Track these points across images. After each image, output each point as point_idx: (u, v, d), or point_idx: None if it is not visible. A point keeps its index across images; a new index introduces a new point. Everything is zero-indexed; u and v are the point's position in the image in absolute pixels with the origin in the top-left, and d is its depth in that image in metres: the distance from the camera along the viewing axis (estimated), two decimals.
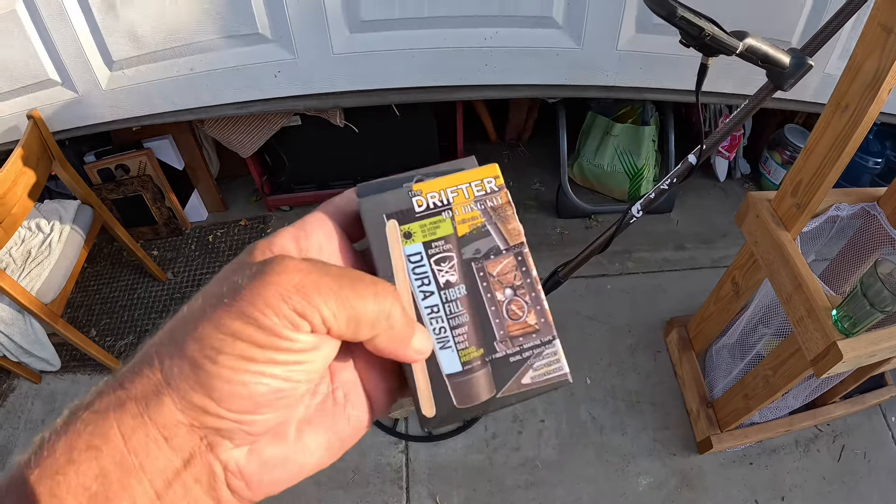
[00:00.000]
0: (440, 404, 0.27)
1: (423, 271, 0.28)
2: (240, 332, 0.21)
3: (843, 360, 1.02)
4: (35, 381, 1.68)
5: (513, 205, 0.29)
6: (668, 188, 1.05)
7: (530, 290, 0.28)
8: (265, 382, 0.21)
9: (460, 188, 0.29)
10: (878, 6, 0.87)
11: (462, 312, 0.28)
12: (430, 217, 0.28)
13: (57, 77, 1.46)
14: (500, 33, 1.38)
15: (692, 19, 0.80)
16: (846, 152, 1.03)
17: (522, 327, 0.28)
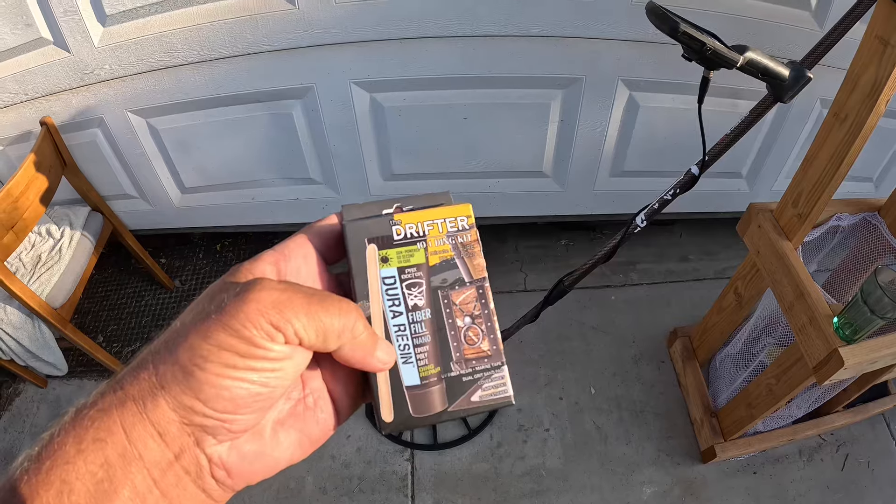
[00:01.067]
0: (398, 411, 0.30)
1: (395, 293, 0.31)
2: (224, 342, 0.24)
3: (844, 366, 1.03)
4: (41, 386, 1.69)
5: (480, 243, 0.33)
6: (671, 198, 1.07)
7: (487, 320, 0.32)
8: (245, 387, 0.25)
9: (436, 222, 0.32)
10: (875, 18, 0.89)
11: (425, 333, 0.31)
12: (407, 245, 0.32)
13: (134, 193, 1.73)
14: (501, 182, 1.71)
15: (694, 34, 0.82)
16: (846, 162, 1.05)
17: (477, 352, 0.32)
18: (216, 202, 1.75)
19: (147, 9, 1.29)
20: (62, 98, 1.45)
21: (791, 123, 1.57)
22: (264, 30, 1.29)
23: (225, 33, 1.30)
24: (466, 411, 0.31)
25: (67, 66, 1.38)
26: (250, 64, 1.37)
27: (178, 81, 1.41)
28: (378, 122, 1.51)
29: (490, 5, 1.26)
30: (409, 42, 1.32)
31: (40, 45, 1.35)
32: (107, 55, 1.36)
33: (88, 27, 1.31)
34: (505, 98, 1.46)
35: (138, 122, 1.53)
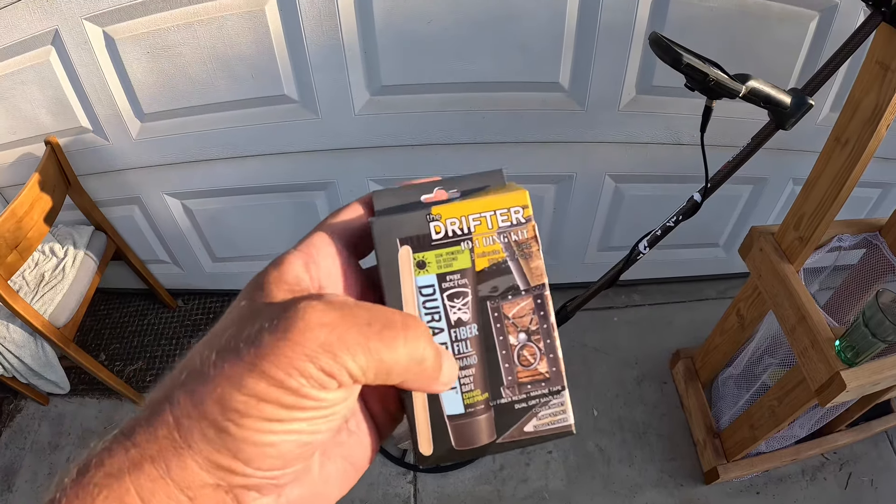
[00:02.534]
0: (438, 443, 0.26)
1: (435, 306, 0.26)
2: (264, 394, 0.20)
3: (846, 389, 1.03)
4: (43, 403, 1.68)
5: (539, 240, 0.26)
6: (673, 225, 1.08)
7: (546, 336, 0.27)
8: (293, 439, 0.21)
9: (484, 216, 0.26)
10: (876, 44, 0.90)
11: (471, 353, 0.26)
12: (448, 246, 0.26)
13: (168, 259, 1.84)
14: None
15: (697, 66, 0.83)
16: (847, 186, 1.05)
17: (532, 374, 0.27)
18: (244, 270, 1.87)
19: (183, 111, 1.36)
20: (101, 177, 1.54)
21: (766, 199, 1.68)
22: (291, 134, 1.40)
23: (256, 136, 1.40)
24: (518, 443, 0.27)
25: (105, 153, 1.46)
26: (278, 161, 1.48)
27: (211, 172, 1.51)
28: None
29: (489, 120, 1.37)
30: (419, 148, 1.44)
31: (80, 132, 1.43)
32: (144, 147, 1.44)
33: (127, 122, 1.39)
34: None
35: (173, 203, 1.62)
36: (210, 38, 1.22)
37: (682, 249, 1.83)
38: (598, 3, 1.18)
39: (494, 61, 1.26)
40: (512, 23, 1.19)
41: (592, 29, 1.21)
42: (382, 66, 1.26)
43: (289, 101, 1.32)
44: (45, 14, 1.20)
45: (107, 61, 1.27)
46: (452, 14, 1.17)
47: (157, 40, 1.23)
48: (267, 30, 1.20)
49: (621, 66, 1.27)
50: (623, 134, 1.41)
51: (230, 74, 1.27)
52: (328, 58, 1.23)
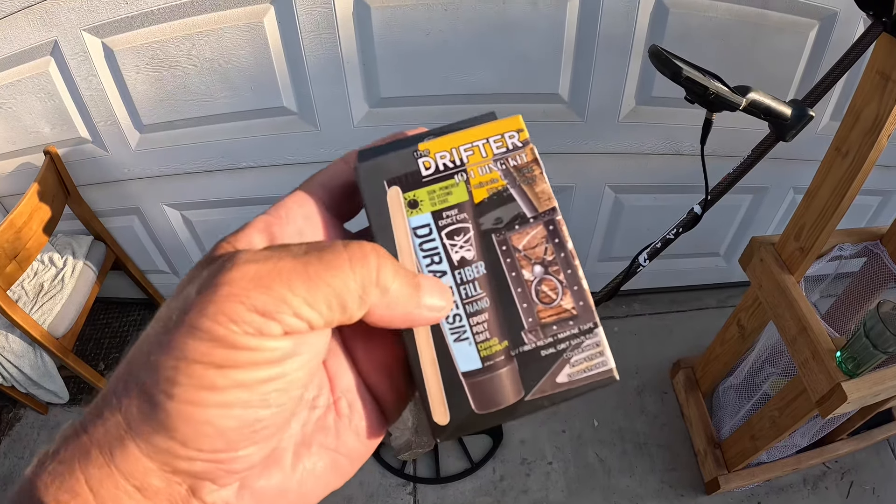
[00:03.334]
0: (456, 409, 0.23)
1: (433, 247, 0.23)
2: (192, 351, 0.17)
3: (847, 401, 1.02)
4: (42, 412, 1.68)
5: (541, 163, 0.24)
6: (673, 238, 1.07)
7: (565, 266, 0.23)
8: (235, 414, 0.17)
9: (476, 145, 0.24)
10: (876, 54, 0.89)
11: (481, 296, 0.23)
12: (441, 181, 0.23)
13: (167, 269, 1.84)
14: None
15: (697, 79, 0.83)
16: (848, 197, 1.04)
17: (556, 313, 0.23)
18: None
19: (182, 122, 1.36)
20: (100, 187, 1.53)
21: (766, 208, 1.68)
22: (290, 146, 1.40)
23: (255, 148, 1.40)
24: (552, 399, 0.23)
25: (105, 164, 1.46)
26: (277, 173, 1.48)
27: (211, 183, 1.51)
28: None
29: None
30: None
31: (79, 143, 1.43)
32: (143, 158, 1.44)
33: (126, 133, 1.39)
34: None
35: (173, 214, 1.62)
36: (209, 49, 1.22)
37: (683, 259, 1.83)
38: (597, 13, 1.17)
39: (493, 73, 1.26)
40: (511, 34, 1.19)
41: (592, 40, 1.21)
42: (381, 78, 1.26)
43: (288, 112, 1.32)
44: (45, 25, 1.20)
45: (106, 72, 1.27)
46: (451, 26, 1.17)
47: (156, 52, 1.23)
48: (266, 42, 1.20)
49: (621, 77, 1.27)
50: (623, 145, 1.41)
51: (229, 86, 1.27)
52: (327, 70, 1.23)
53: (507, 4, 1.15)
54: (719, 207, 1.65)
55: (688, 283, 1.96)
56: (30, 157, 1.47)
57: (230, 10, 1.17)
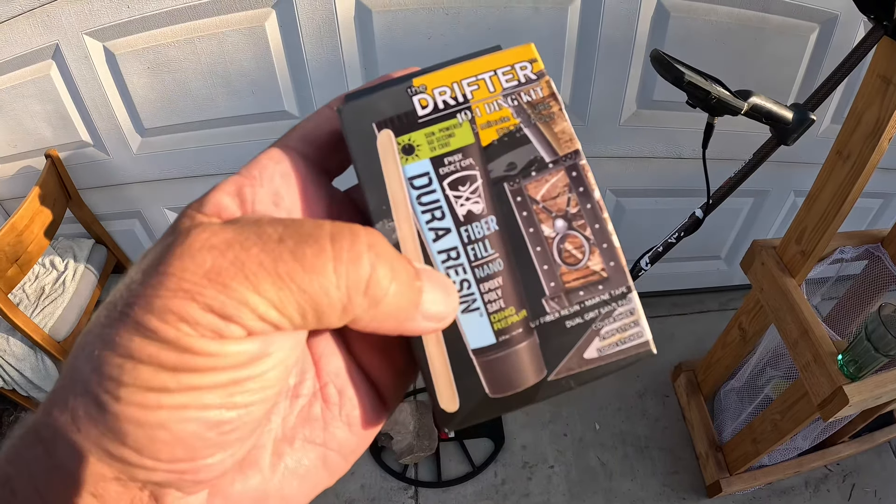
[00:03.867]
0: (466, 393, 0.19)
1: (434, 199, 0.20)
2: (138, 352, 0.14)
3: (849, 404, 1.02)
4: None
5: (559, 98, 0.20)
6: (675, 241, 1.08)
7: (592, 219, 0.20)
8: (193, 417, 0.15)
9: (482, 78, 0.20)
10: (877, 57, 0.90)
11: (494, 257, 0.19)
12: (440, 121, 0.20)
13: None
14: None
15: (699, 83, 0.83)
16: (849, 200, 1.05)
17: (583, 275, 0.20)
18: None
19: (183, 126, 1.36)
20: (101, 191, 1.53)
21: (767, 211, 1.69)
22: None
23: (256, 151, 1.31)
24: (580, 377, 0.19)
25: (106, 167, 1.46)
26: None
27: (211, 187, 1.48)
28: None
29: None
30: None
31: (80, 146, 1.43)
32: (145, 161, 1.44)
33: (127, 136, 1.39)
34: None
35: (174, 217, 1.57)
36: (210, 53, 1.22)
37: (684, 262, 1.83)
38: (598, 18, 1.18)
39: None
40: (512, 38, 1.19)
41: (593, 44, 1.21)
42: None
43: (289, 116, 1.32)
44: (46, 28, 1.20)
45: (107, 76, 1.27)
46: (452, 30, 1.17)
47: (157, 55, 1.23)
48: (267, 46, 1.20)
49: (622, 81, 1.28)
50: (624, 148, 1.41)
51: (230, 90, 1.27)
52: (328, 73, 1.23)
53: (509, 9, 1.15)
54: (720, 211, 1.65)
55: (689, 286, 1.96)
56: (31, 160, 1.47)
57: (232, 14, 1.17)
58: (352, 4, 1.14)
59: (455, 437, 1.59)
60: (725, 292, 1.98)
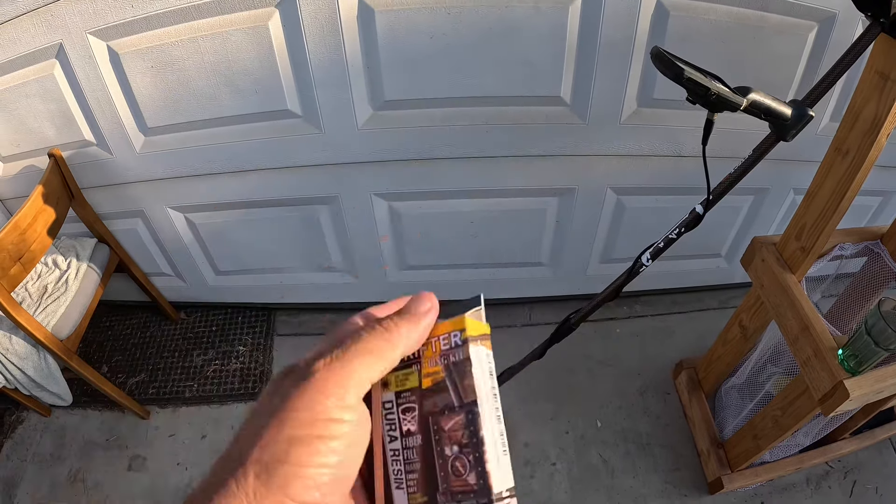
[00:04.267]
0: None
1: (392, 418, 0.31)
2: (299, 426, 0.24)
3: (849, 398, 1.03)
4: (45, 415, 1.68)
5: (472, 360, 0.30)
6: (676, 237, 1.08)
7: (474, 450, 0.29)
8: (329, 472, 0.25)
9: (430, 341, 0.31)
10: (875, 54, 0.90)
11: (416, 460, 0.30)
12: (404, 369, 0.31)
13: (171, 272, 1.88)
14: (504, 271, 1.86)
15: (698, 80, 0.83)
16: (847, 196, 1.05)
17: (463, 485, 0.29)
18: (247, 283, 1.88)
19: (186, 125, 1.37)
20: (104, 190, 1.55)
21: (767, 209, 1.70)
22: (295, 149, 1.41)
23: (259, 150, 1.41)
24: None
25: (109, 166, 1.47)
26: (282, 176, 1.49)
27: (215, 186, 1.52)
28: (395, 224, 1.66)
29: (492, 134, 1.38)
30: (422, 162, 1.46)
31: (83, 146, 1.44)
32: (148, 161, 1.45)
33: (130, 135, 1.40)
34: (507, 206, 1.61)
35: (177, 216, 1.63)
36: (214, 52, 1.23)
37: (685, 260, 1.84)
38: (598, 17, 1.19)
39: (497, 76, 1.27)
40: (513, 38, 1.20)
41: (593, 43, 1.22)
42: (385, 81, 1.27)
43: (292, 115, 1.33)
44: (50, 28, 1.21)
45: (111, 75, 1.28)
46: (454, 29, 1.18)
47: (161, 55, 1.24)
48: (270, 45, 1.21)
49: (622, 80, 1.28)
50: (625, 147, 1.42)
51: (234, 89, 1.28)
52: (331, 73, 1.24)
53: (510, 8, 1.16)
54: (720, 208, 1.66)
55: (689, 284, 1.96)
56: (34, 159, 1.48)
57: (235, 13, 1.18)
58: (354, 4, 1.15)
59: None
60: (725, 290, 1.99)
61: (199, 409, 1.70)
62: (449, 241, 1.72)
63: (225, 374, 1.78)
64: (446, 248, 1.74)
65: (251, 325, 1.91)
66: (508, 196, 1.59)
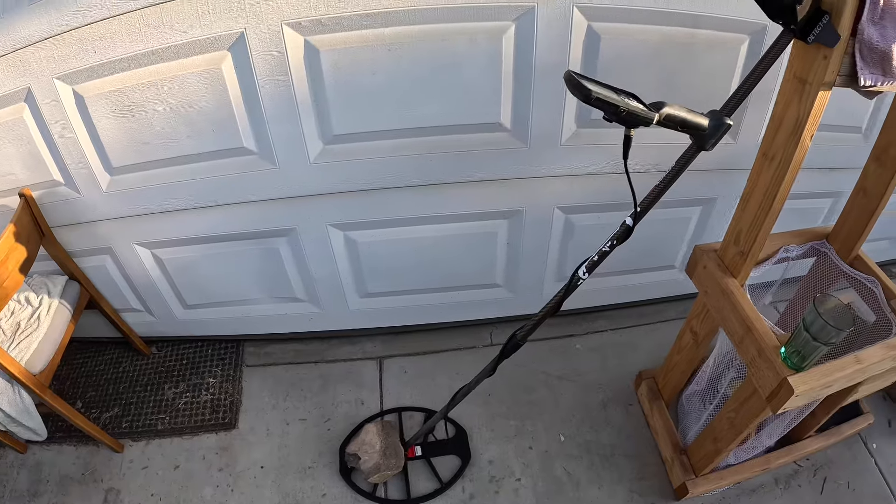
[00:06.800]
0: None
1: None
2: None
3: (795, 394, 1.06)
4: (21, 451, 1.70)
5: None
6: (609, 250, 1.12)
7: None
8: None
9: None
10: (793, 59, 0.94)
11: None
12: None
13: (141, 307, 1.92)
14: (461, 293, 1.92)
15: (607, 99, 0.89)
16: (778, 199, 1.08)
17: None
18: (215, 316, 1.91)
19: (149, 164, 1.44)
20: (74, 228, 1.59)
21: (715, 218, 1.75)
22: (252, 184, 1.47)
23: (219, 187, 1.47)
24: None
25: (78, 205, 1.53)
26: (242, 210, 1.55)
27: (179, 222, 1.58)
28: (352, 253, 1.71)
29: (437, 162, 1.45)
30: (373, 192, 1.51)
31: (53, 185, 1.49)
32: (114, 199, 1.50)
33: (97, 175, 1.45)
34: (457, 230, 1.67)
35: (144, 253, 1.68)
36: (172, 95, 1.29)
37: (641, 273, 1.88)
38: (531, 45, 1.25)
39: (439, 106, 1.34)
40: (452, 69, 1.27)
41: (529, 70, 1.29)
42: (333, 117, 1.34)
43: (248, 152, 1.40)
44: (19, 73, 1.26)
45: (77, 118, 1.34)
46: (395, 65, 1.25)
47: (123, 98, 1.29)
48: (224, 86, 1.27)
49: (559, 103, 1.35)
50: (567, 167, 1.48)
51: (192, 129, 1.35)
52: (282, 110, 1.31)
53: (446, 42, 1.23)
54: (670, 221, 1.73)
55: (648, 297, 2.00)
56: (5, 199, 1.52)
57: (191, 57, 1.24)
58: (301, 44, 1.22)
59: (422, 454, 1.62)
60: (685, 300, 2.03)
61: (172, 440, 1.71)
62: (405, 268, 1.77)
63: (196, 405, 1.80)
64: (403, 274, 1.79)
65: (220, 356, 1.94)
66: (459, 221, 1.64)
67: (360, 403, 1.79)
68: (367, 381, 1.86)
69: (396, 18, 1.20)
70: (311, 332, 1.98)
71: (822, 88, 0.90)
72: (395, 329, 2.00)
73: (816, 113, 0.94)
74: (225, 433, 1.73)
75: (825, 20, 0.84)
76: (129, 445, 1.71)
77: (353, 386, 1.84)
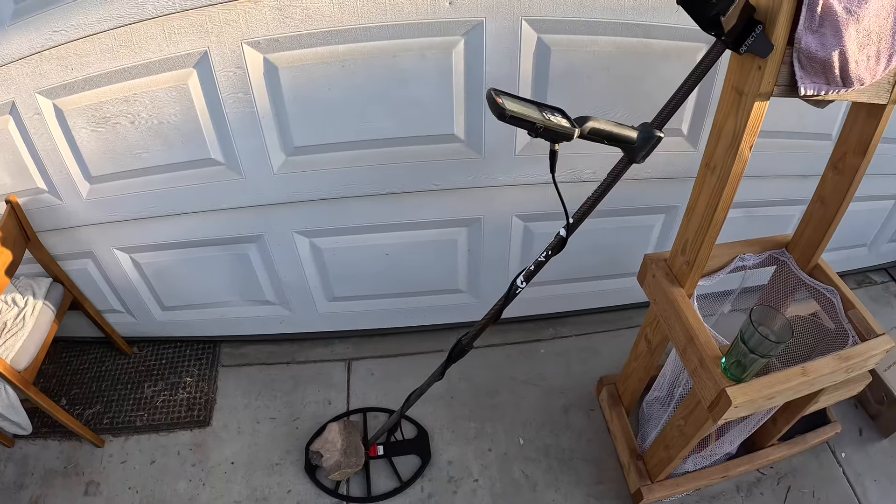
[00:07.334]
0: None
1: None
2: None
3: (733, 405, 1.08)
4: (8, 445, 1.78)
5: None
6: (545, 260, 1.15)
7: None
8: None
9: None
10: (730, 71, 0.96)
11: None
12: None
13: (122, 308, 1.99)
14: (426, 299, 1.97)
15: (521, 116, 0.92)
16: (720, 208, 1.09)
17: None
18: (191, 318, 1.99)
19: (125, 173, 1.51)
20: (57, 233, 1.68)
21: (677, 227, 1.72)
22: (220, 194, 1.54)
23: (190, 195, 1.55)
24: None
25: (60, 212, 1.61)
26: (213, 217, 1.62)
27: (155, 228, 1.66)
28: (318, 259, 1.78)
29: (395, 172, 1.50)
30: (335, 201, 1.58)
31: (37, 193, 1.58)
32: (94, 206, 1.59)
33: (77, 183, 1.54)
34: (418, 238, 1.72)
35: (123, 257, 1.76)
36: (144, 109, 1.37)
37: (606, 280, 1.91)
38: (481, 59, 1.30)
39: (393, 119, 1.40)
40: (405, 84, 1.33)
41: (479, 83, 1.34)
42: (293, 130, 1.40)
43: (215, 163, 1.47)
44: (4, 88, 1.35)
45: (57, 130, 1.42)
46: (349, 80, 1.31)
47: (98, 111, 1.37)
48: (191, 101, 1.35)
49: None
50: (523, 176, 1.52)
51: (163, 141, 1.42)
52: (246, 124, 1.38)
53: (398, 57, 1.29)
54: (634, 228, 1.75)
55: (613, 303, 2.03)
56: None
57: (160, 74, 1.31)
58: (261, 62, 1.29)
59: (384, 454, 1.67)
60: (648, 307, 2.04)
61: (149, 437, 1.79)
62: (370, 273, 1.83)
63: (173, 403, 1.88)
64: (368, 279, 1.85)
65: (198, 357, 2.01)
66: (419, 228, 1.69)
67: (328, 403, 1.84)
68: (335, 382, 1.92)
69: (349, 36, 1.26)
70: (284, 333, 2.05)
71: (758, 99, 0.90)
72: (366, 332, 2.05)
73: (754, 124, 0.95)
74: (199, 430, 1.80)
75: (758, 30, 0.84)
76: (109, 441, 1.79)
77: (322, 386, 1.90)
